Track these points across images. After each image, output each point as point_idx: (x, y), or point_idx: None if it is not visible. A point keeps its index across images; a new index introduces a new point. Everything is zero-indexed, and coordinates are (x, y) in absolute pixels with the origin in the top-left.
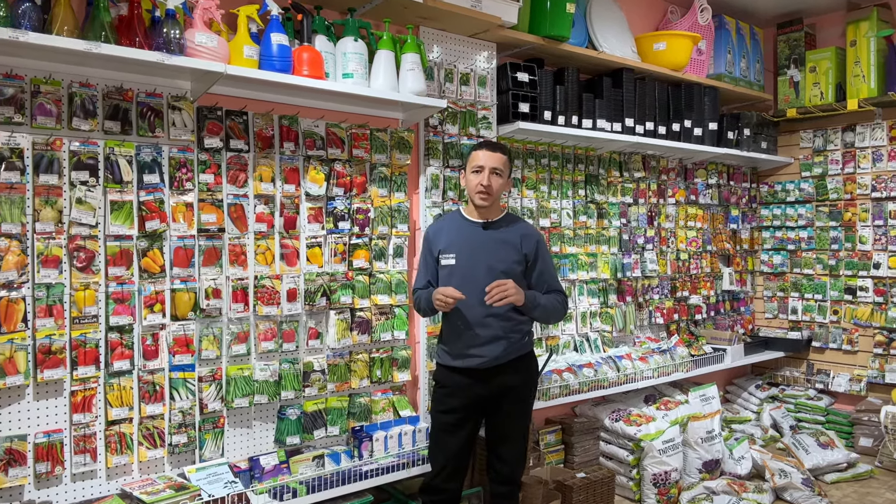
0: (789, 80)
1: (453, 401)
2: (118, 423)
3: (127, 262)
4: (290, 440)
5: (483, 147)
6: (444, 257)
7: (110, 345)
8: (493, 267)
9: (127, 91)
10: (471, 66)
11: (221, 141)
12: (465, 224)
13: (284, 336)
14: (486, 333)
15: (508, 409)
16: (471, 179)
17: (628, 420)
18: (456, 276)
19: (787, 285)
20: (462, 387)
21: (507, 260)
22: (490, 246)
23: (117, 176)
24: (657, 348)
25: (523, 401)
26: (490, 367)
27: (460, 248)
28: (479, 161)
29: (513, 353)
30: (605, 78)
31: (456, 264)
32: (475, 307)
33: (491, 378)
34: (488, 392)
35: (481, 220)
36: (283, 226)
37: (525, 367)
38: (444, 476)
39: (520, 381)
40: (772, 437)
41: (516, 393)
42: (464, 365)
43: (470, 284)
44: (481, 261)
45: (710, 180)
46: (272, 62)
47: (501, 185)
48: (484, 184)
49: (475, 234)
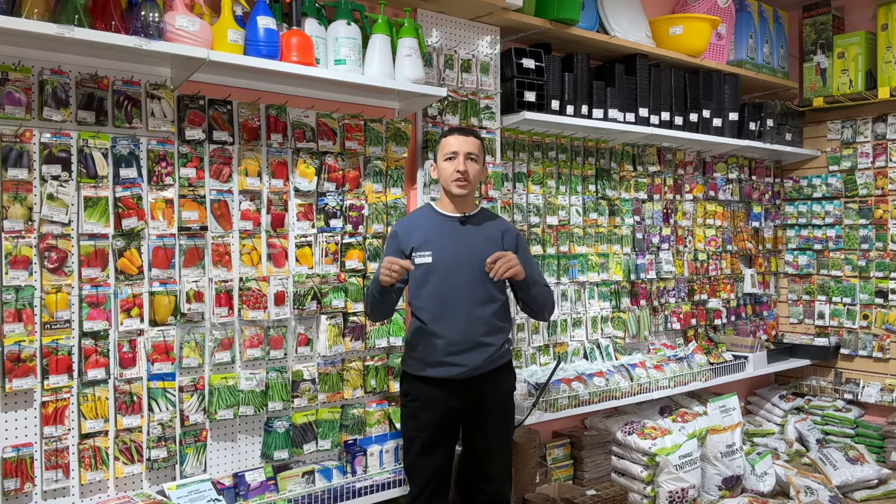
0: (816, 66)
1: (427, 416)
2: (93, 437)
3: (102, 262)
4: (278, 455)
5: (454, 132)
6: (418, 255)
7: (84, 352)
8: (475, 265)
9: (102, 79)
10: (472, 52)
11: (204, 132)
12: (440, 219)
13: (272, 343)
14: (467, 339)
15: (491, 423)
16: (444, 168)
17: (642, 433)
18: (435, 276)
19: (814, 288)
20: (436, 399)
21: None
22: (471, 242)
23: (92, 170)
24: (673, 356)
25: (506, 412)
26: (469, 377)
27: (438, 246)
28: (451, 147)
29: (494, 362)
30: (617, 64)
31: (434, 263)
32: (457, 310)
33: (469, 389)
34: (465, 405)
35: (458, 213)
36: (271, 224)
37: (504, 376)
38: (426, 497)
39: (501, 392)
40: (797, 451)
41: (498, 404)
42: (440, 375)
43: (451, 285)
44: (463, 258)
45: (730, 175)
46: (258, 48)
47: (478, 171)
48: (460, 169)
49: (453, 230)
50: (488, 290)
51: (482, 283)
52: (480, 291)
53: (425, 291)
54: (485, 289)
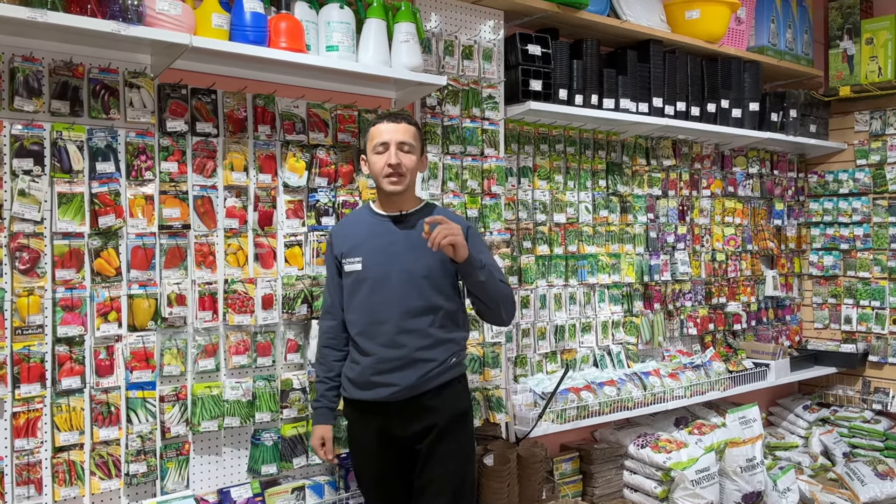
0: (842, 53)
1: (369, 446)
2: (67, 450)
3: (77, 263)
4: (266, 469)
5: (383, 119)
6: (347, 262)
7: (58, 359)
8: (410, 272)
9: (77, 66)
10: (474, 38)
11: (186, 124)
12: (373, 220)
13: (259, 349)
14: (397, 355)
15: (434, 453)
16: (374, 162)
17: (656, 446)
18: (364, 287)
19: (840, 290)
20: (374, 426)
21: (430, 261)
22: (405, 245)
23: (66, 164)
24: (690, 363)
25: (455, 440)
26: (404, 398)
27: (367, 250)
28: (381, 137)
29: (434, 380)
30: (629, 51)
31: (363, 271)
32: (387, 322)
33: (408, 414)
34: (407, 433)
35: (393, 212)
36: (258, 222)
37: (452, 396)
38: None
39: (447, 416)
40: (822, 465)
41: (443, 431)
42: (371, 397)
43: (381, 295)
44: (395, 265)
45: (750, 169)
46: (245, 33)
47: (414, 163)
48: (392, 162)
49: (385, 232)
50: (427, 299)
51: (418, 290)
52: (416, 300)
53: (355, 303)
54: (422, 297)
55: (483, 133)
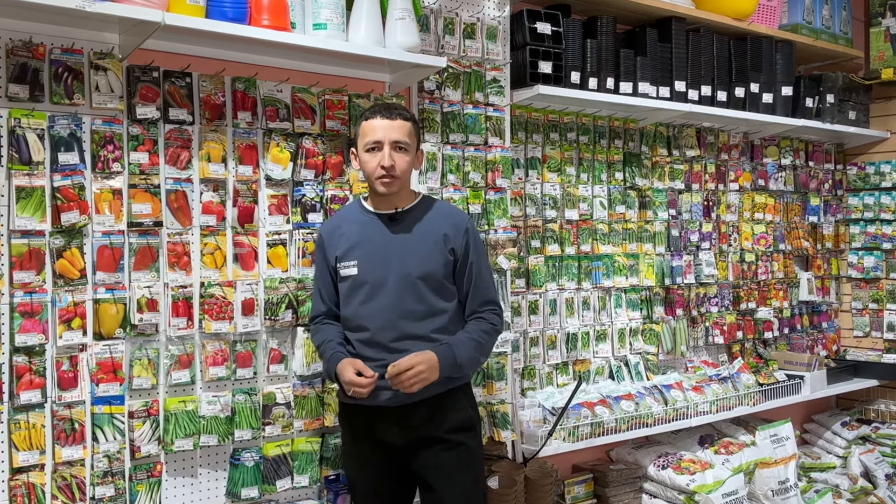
0: (885, 32)
1: (364, 454)
2: (26, 471)
3: (37, 264)
4: (247, 493)
5: (377, 114)
6: (343, 266)
7: (16, 371)
8: (407, 274)
9: (37, 46)
10: (477, 15)
11: (158, 110)
12: (366, 219)
13: (239, 360)
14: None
15: (440, 464)
16: (367, 161)
17: (679, 467)
18: (361, 292)
19: (882, 294)
20: (370, 433)
21: (428, 262)
22: (401, 245)
23: (25, 155)
24: (716, 375)
25: (461, 450)
26: (403, 404)
27: (363, 253)
28: (374, 135)
29: (439, 387)
30: (648, 29)
31: (359, 275)
32: (385, 328)
33: (406, 420)
34: (406, 440)
35: (387, 210)
36: (238, 218)
37: (454, 402)
38: None
39: (450, 423)
40: (862, 488)
41: (448, 440)
42: (371, 403)
43: (379, 300)
44: (392, 267)
45: (783, 160)
46: (223, 9)
47: (409, 163)
48: (385, 164)
49: (380, 232)
50: (427, 302)
51: (418, 294)
52: (415, 305)
53: (351, 308)
54: (421, 300)
55: (487, 120)
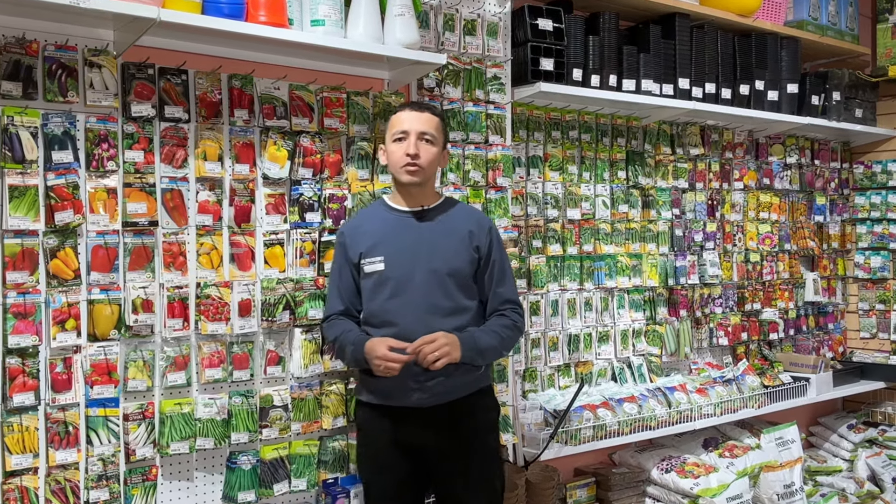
0: (892, 28)
1: (385, 455)
2: (19, 475)
3: (31, 265)
4: (243, 497)
5: (406, 108)
6: (367, 263)
7: (9, 373)
8: (435, 270)
9: (31, 43)
10: (478, 11)
11: (154, 108)
12: (391, 216)
13: (235, 361)
14: None
15: (470, 467)
16: (393, 151)
17: (682, 471)
18: (387, 287)
19: (889, 295)
20: (394, 435)
21: (455, 259)
22: (430, 241)
23: (18, 153)
24: (720, 377)
25: (487, 453)
26: (431, 405)
27: (390, 249)
28: (401, 125)
29: (468, 388)
30: (652, 26)
31: (386, 270)
32: (415, 326)
33: (434, 422)
34: (430, 443)
35: (413, 207)
36: (234, 218)
37: (483, 405)
38: None
39: (479, 425)
40: (869, 492)
41: (475, 442)
42: (398, 403)
43: (406, 296)
44: (420, 263)
45: (788, 159)
46: (219, 5)
47: (435, 156)
48: (410, 152)
49: (408, 228)
50: (453, 299)
51: (445, 289)
52: (443, 301)
53: (377, 304)
54: (449, 296)
55: (487, 118)
